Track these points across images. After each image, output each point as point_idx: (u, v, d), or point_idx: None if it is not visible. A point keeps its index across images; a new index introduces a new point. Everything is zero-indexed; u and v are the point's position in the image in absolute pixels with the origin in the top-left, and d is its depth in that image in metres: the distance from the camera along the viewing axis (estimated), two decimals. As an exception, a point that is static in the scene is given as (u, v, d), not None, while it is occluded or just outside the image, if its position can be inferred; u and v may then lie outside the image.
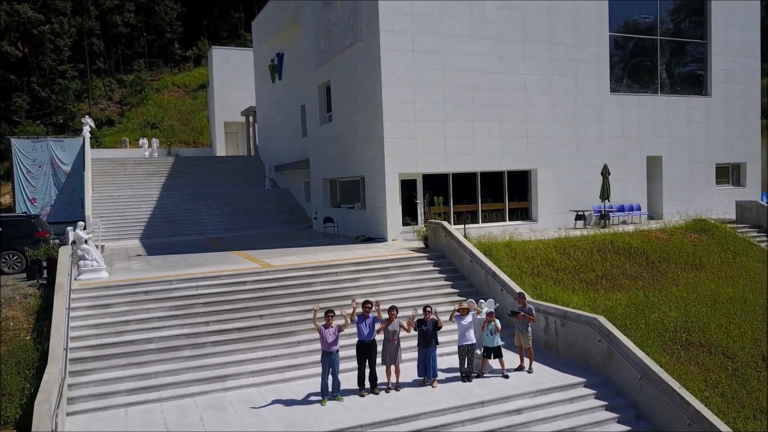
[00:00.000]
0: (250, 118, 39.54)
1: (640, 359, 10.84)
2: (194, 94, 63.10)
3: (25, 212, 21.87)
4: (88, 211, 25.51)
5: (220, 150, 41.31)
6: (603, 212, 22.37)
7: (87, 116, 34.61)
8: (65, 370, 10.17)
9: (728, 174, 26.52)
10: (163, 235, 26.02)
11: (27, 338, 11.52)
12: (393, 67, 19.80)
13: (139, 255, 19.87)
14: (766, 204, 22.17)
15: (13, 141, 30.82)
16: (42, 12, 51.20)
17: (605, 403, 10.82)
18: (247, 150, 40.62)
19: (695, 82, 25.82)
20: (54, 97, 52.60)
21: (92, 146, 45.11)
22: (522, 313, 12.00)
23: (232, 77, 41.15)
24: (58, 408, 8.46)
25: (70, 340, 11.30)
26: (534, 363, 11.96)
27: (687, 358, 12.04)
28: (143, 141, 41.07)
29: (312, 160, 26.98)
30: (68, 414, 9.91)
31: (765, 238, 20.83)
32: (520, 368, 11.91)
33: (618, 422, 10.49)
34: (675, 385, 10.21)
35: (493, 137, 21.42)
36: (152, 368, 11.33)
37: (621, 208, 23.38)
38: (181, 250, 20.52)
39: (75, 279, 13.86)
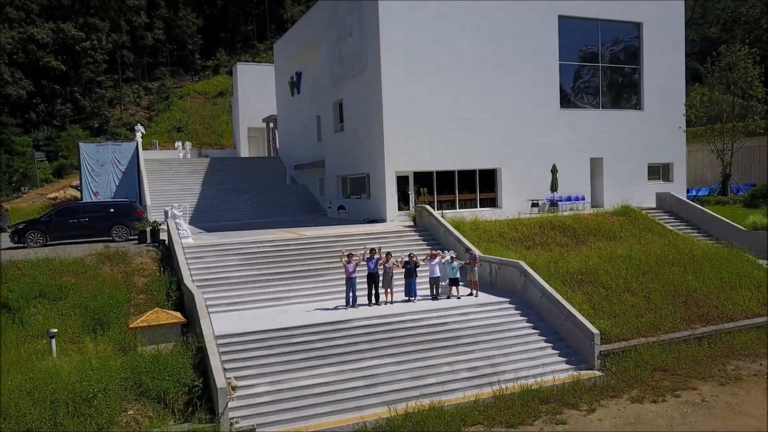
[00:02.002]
0: (271, 124, 46.33)
1: (541, 285, 17.58)
2: (214, 100, 69.88)
3: (129, 199, 28.30)
4: (148, 202, 32.28)
5: (244, 152, 48.09)
6: (553, 201, 29.08)
7: (138, 124, 41.36)
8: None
9: (659, 172, 33.21)
10: (208, 221, 32.70)
11: (158, 274, 18.29)
12: (391, 92, 26.53)
13: (200, 232, 26.58)
14: (685, 197, 28.84)
15: (81, 145, 37.59)
16: (83, 30, 57.95)
17: (520, 311, 17.55)
18: (267, 152, 47.43)
19: (630, 98, 32.54)
20: (91, 104, 59.33)
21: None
22: (471, 260, 18.76)
23: (254, 89, 47.91)
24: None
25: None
26: (480, 292, 18.71)
27: (578, 288, 18.68)
28: (178, 144, 47.80)
29: (327, 161, 33.74)
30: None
31: (671, 219, 27.55)
32: (471, 294, 18.64)
33: (526, 321, 17.21)
34: (555, 298, 16.93)
35: (469, 144, 28.14)
36: (237, 293, 18.10)
37: (568, 198, 30.07)
38: (230, 229, 27.25)
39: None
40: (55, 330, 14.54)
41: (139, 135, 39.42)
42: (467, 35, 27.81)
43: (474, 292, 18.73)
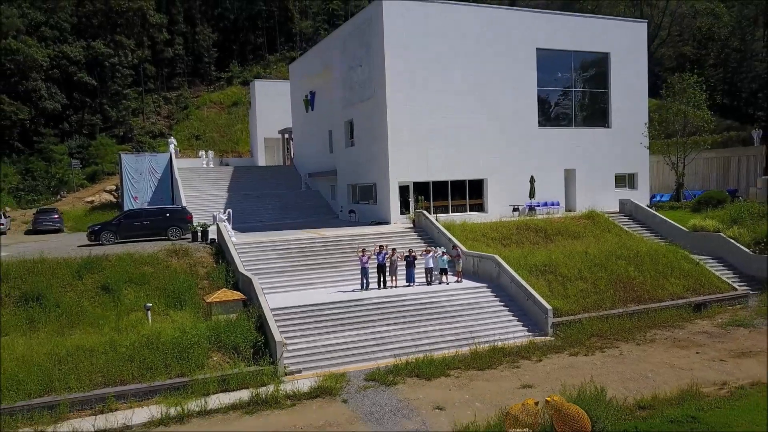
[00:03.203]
0: (286, 136, 51.65)
1: (511, 274, 22.89)
2: (228, 109, 75.10)
3: (180, 205, 33.63)
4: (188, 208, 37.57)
5: (261, 160, 53.42)
6: (531, 206, 34.38)
7: (171, 137, 46.75)
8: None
9: (625, 180, 38.48)
10: (238, 223, 37.86)
11: (215, 265, 23.61)
12: (395, 115, 31.84)
13: (235, 233, 31.83)
14: (645, 203, 34.03)
15: (123, 156, 43.00)
16: (111, 47, 63.23)
17: (494, 293, 22.86)
18: (282, 160, 52.76)
19: (600, 117, 37.83)
20: (117, 114, 64.62)
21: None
22: (456, 255, 24.10)
23: (270, 103, 53.20)
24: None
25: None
26: (464, 279, 24.02)
27: (541, 276, 23.93)
28: (202, 153, 53.11)
29: (339, 171, 39.05)
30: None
31: (629, 221, 32.82)
32: (457, 281, 23.95)
33: (499, 301, 22.52)
34: (521, 283, 22.25)
35: (460, 158, 33.43)
36: (277, 279, 23.43)
37: (545, 204, 35.35)
38: (260, 230, 32.51)
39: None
40: (150, 305, 19.92)
41: (171, 147, 44.82)
42: (459, 67, 33.11)
43: (459, 279, 24.04)
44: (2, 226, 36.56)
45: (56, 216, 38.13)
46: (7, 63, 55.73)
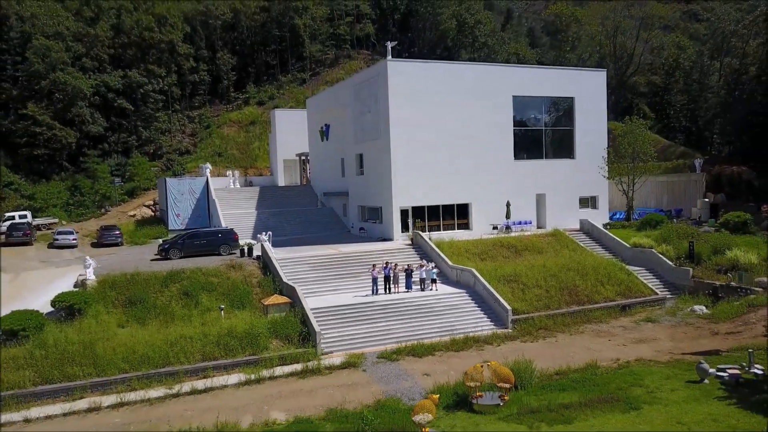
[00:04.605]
0: (302, 158, 59.68)
1: (483, 283, 30.90)
2: (246, 128, 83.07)
3: (226, 227, 41.57)
4: (223, 223, 45.59)
5: (281, 179, 61.46)
6: (507, 226, 42.36)
7: (207, 164, 54.91)
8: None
9: (588, 202, 46.43)
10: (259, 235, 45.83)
11: (263, 276, 31.63)
12: (397, 153, 39.78)
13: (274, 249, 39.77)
14: (602, 222, 41.93)
15: (168, 180, 51.08)
16: (143, 75, 71.25)
17: (471, 297, 30.87)
18: (299, 180, 60.82)
19: (566, 150, 45.77)
20: (149, 134, 72.63)
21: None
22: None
23: (288, 129, 61.18)
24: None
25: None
26: (448, 287, 32.02)
27: (506, 285, 31.86)
28: (229, 173, 61.17)
29: (350, 193, 47.06)
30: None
31: (586, 238, 40.75)
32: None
33: (474, 303, 30.53)
34: (490, 290, 30.25)
35: (449, 186, 41.34)
36: (310, 286, 31.46)
37: (519, 223, 43.30)
38: (288, 244, 40.44)
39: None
40: (223, 306, 27.99)
41: (207, 171, 52.88)
42: (450, 114, 41.05)
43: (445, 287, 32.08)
44: (74, 241, 44.55)
45: (117, 232, 46.12)
46: (58, 93, 63.78)
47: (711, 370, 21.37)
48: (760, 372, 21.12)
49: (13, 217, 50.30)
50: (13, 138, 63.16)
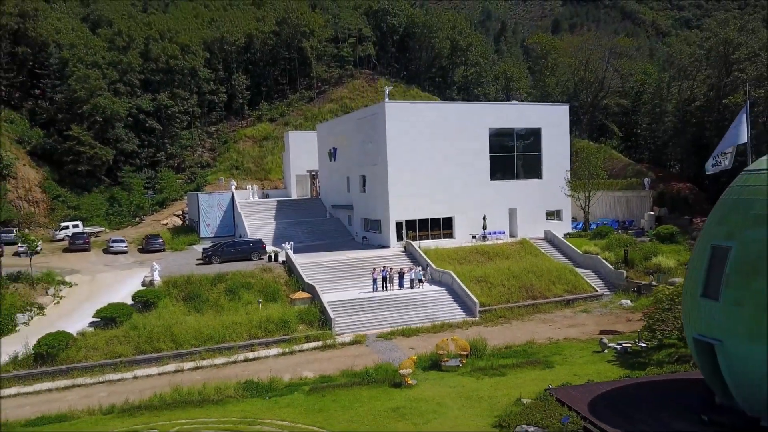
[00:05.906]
0: (312, 174, 68.89)
1: (458, 283, 40.03)
2: (260, 143, 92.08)
3: (256, 238, 50.70)
4: (248, 231, 54.78)
5: (294, 193, 70.64)
6: (484, 235, 51.46)
7: (233, 180, 64.14)
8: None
9: (554, 215, 55.49)
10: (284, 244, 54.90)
11: (288, 277, 40.76)
12: (393, 177, 48.88)
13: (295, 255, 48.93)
14: (563, 232, 51.08)
15: (200, 195, 60.29)
16: (170, 98, 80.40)
17: (449, 293, 39.99)
18: (310, 193, 70.04)
19: (534, 172, 54.85)
20: (174, 150, 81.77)
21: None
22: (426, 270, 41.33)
23: (300, 149, 70.34)
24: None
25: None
26: (430, 285, 41.15)
27: (477, 284, 40.89)
28: (249, 186, 70.37)
29: (354, 208, 56.20)
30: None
31: (548, 246, 49.82)
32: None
33: (451, 298, 39.67)
34: (463, 288, 39.38)
35: (436, 202, 50.46)
36: (325, 285, 40.58)
37: (494, 233, 52.38)
38: (303, 251, 49.47)
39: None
40: (260, 300, 37.17)
41: (233, 187, 62.10)
42: (437, 144, 50.14)
43: (428, 285, 41.25)
44: (126, 247, 53.72)
45: (160, 240, 55.22)
46: (98, 116, 72.94)
47: (611, 344, 30.51)
48: (643, 345, 30.24)
49: (67, 227, 59.54)
50: (58, 155, 72.35)
